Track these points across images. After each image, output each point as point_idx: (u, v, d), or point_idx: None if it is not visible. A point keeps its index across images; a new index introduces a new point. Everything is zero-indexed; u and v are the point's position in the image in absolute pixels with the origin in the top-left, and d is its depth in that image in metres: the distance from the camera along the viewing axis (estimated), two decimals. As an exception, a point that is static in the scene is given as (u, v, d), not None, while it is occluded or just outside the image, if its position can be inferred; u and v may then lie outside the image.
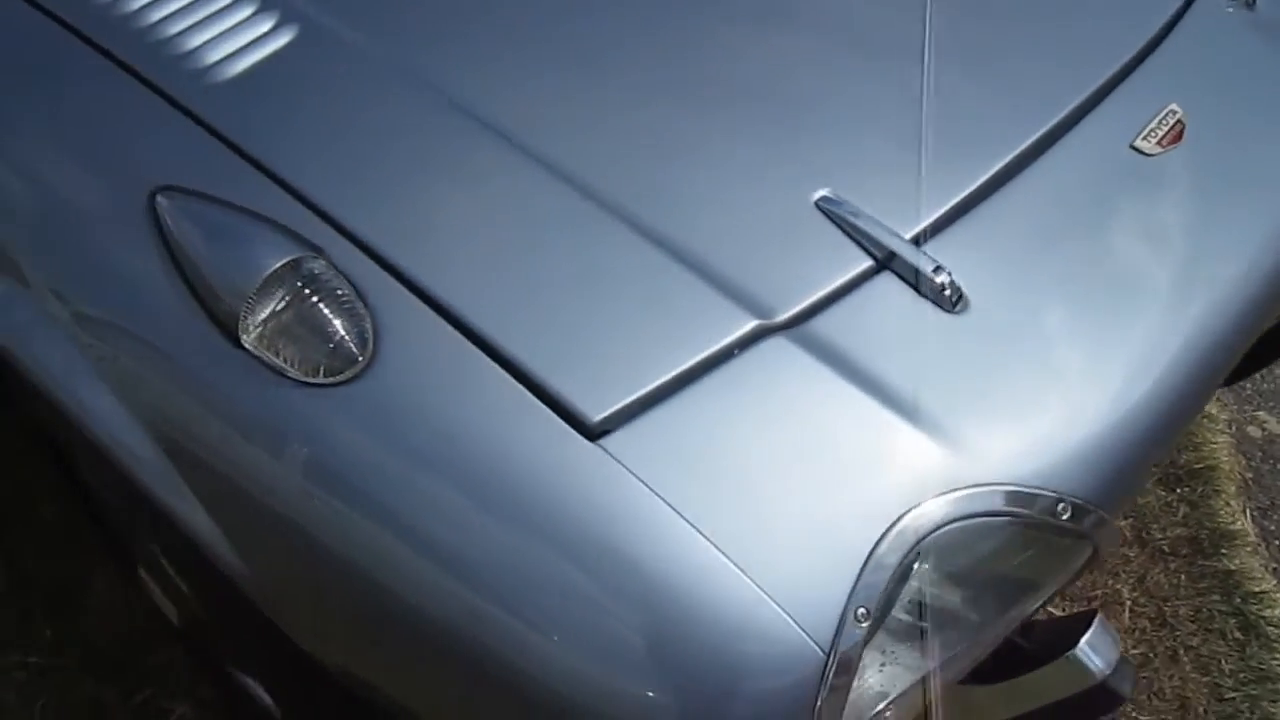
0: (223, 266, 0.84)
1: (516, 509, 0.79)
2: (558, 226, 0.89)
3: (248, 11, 1.01)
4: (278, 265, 0.82)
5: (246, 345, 0.83)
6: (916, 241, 0.94)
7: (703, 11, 1.09)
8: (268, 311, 0.83)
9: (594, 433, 0.80)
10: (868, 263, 0.93)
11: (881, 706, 0.85)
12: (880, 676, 0.86)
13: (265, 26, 1.01)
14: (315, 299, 0.82)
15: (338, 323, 0.82)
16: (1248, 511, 1.75)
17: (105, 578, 1.56)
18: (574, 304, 0.86)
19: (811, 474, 0.83)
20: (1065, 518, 0.88)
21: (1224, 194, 1.09)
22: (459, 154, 0.94)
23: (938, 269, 0.92)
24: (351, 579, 0.83)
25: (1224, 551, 1.67)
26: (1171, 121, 1.10)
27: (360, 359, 0.82)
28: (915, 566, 0.83)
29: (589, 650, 0.78)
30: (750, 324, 0.87)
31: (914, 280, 0.92)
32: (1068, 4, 1.21)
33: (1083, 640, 0.96)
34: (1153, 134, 1.09)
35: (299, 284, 0.83)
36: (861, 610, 0.79)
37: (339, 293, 0.83)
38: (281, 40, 1.00)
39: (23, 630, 1.52)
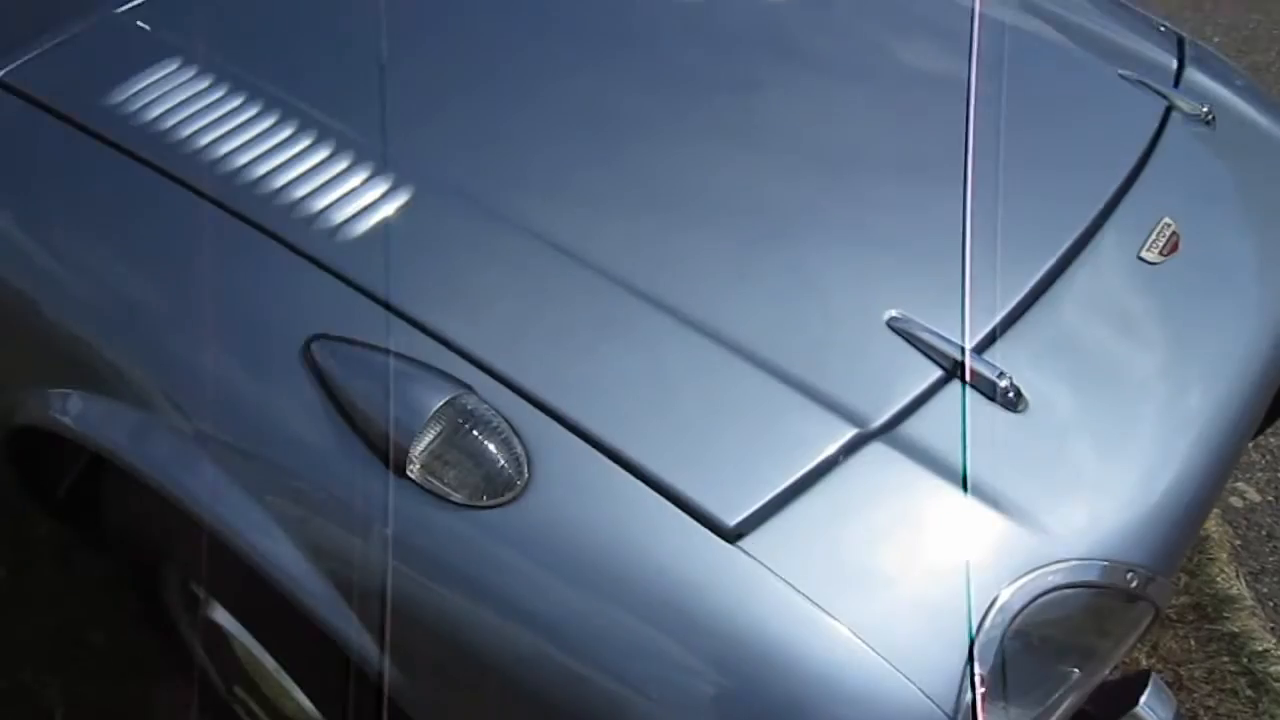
0: (384, 406, 0.94)
1: (667, 611, 0.89)
2: (677, 358, 1.01)
3: (364, 174, 1.13)
4: (440, 403, 0.92)
5: (411, 475, 0.92)
6: (978, 351, 1.07)
7: (767, 154, 1.23)
8: (431, 444, 0.92)
9: (732, 535, 0.91)
10: (939, 373, 1.05)
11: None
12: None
13: (383, 187, 1.12)
14: (474, 431, 0.93)
15: (496, 451, 0.92)
16: (1241, 576, 1.88)
17: (167, 700, 1.60)
18: (700, 424, 0.97)
19: (919, 560, 0.94)
20: (1133, 585, 1.00)
21: (1220, 292, 1.25)
22: (573, 295, 1.05)
23: (1000, 374, 1.05)
24: (510, 691, 0.91)
25: (1226, 615, 1.80)
26: (1168, 234, 1.26)
27: (518, 483, 0.92)
28: (1015, 637, 0.94)
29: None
30: (850, 432, 0.99)
31: (980, 385, 1.05)
32: (1060, 130, 1.37)
33: (1143, 699, 1.07)
34: (1154, 246, 1.24)
35: (458, 418, 0.93)
36: (979, 675, 0.90)
37: (494, 424, 0.93)
38: (401, 199, 1.11)
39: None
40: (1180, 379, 1.14)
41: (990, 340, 1.09)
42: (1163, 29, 1.64)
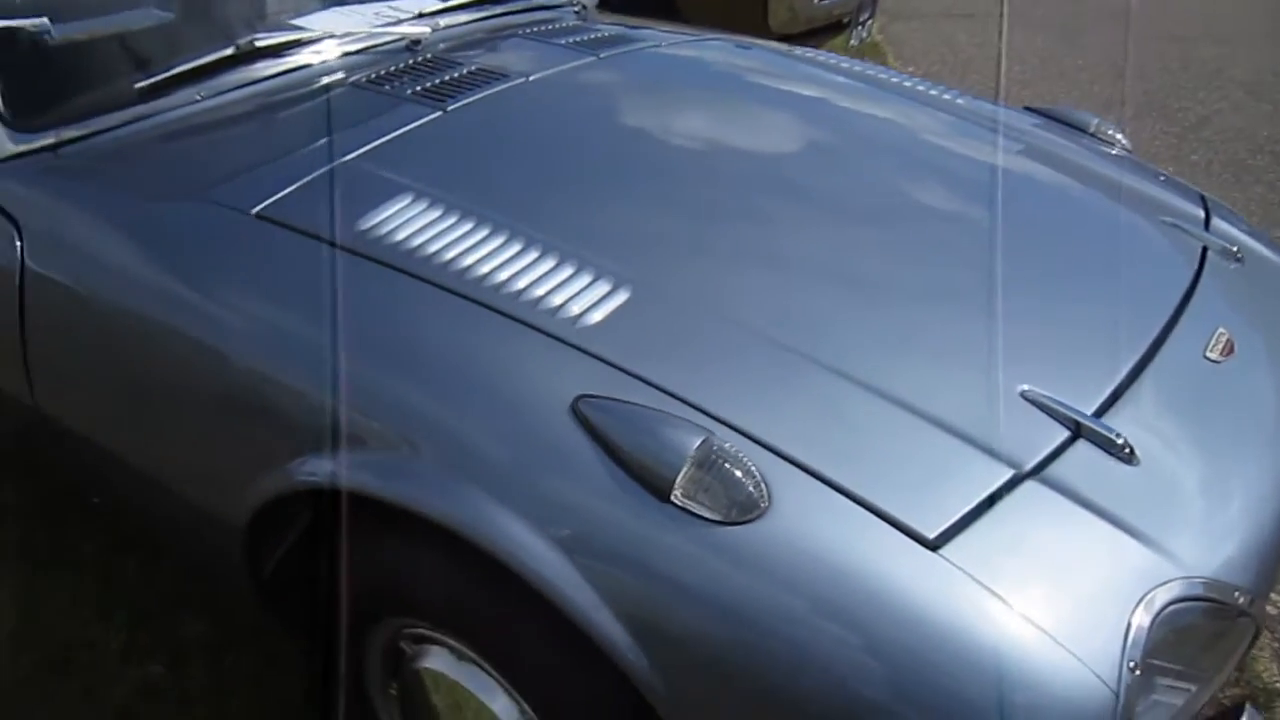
0: (650, 447, 1.18)
1: (878, 607, 1.11)
2: (871, 415, 1.27)
3: (589, 278, 1.40)
4: (698, 442, 1.16)
5: (675, 500, 1.15)
6: (1098, 414, 1.33)
7: (910, 233, 1.56)
8: (689, 474, 1.15)
9: (932, 545, 1.14)
10: (1067, 433, 1.31)
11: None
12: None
13: (605, 289, 1.39)
14: (724, 464, 1.16)
15: (742, 478, 1.16)
16: (1283, 669, 2.09)
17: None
18: (894, 461, 1.22)
19: (1080, 569, 1.17)
20: (1240, 601, 1.23)
21: (1272, 382, 1.52)
22: (782, 369, 1.32)
23: (1117, 435, 1.30)
24: (761, 692, 1.11)
25: (1276, 706, 2.00)
26: (1224, 340, 1.54)
27: (761, 505, 1.15)
28: (1153, 636, 1.15)
29: (955, 713, 1.07)
30: (1010, 472, 1.23)
31: (1100, 443, 1.30)
32: (1131, 259, 1.69)
33: (1243, 720, 1.29)
34: (1214, 347, 1.53)
35: (711, 454, 1.16)
36: (1131, 663, 1.11)
37: (739, 458, 1.17)
38: (621, 298, 1.38)
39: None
40: (1260, 437, 1.40)
41: (1103, 410, 1.35)
42: (1184, 184, 2.00)
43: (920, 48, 6.31)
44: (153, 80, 1.87)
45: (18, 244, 1.71)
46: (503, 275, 1.41)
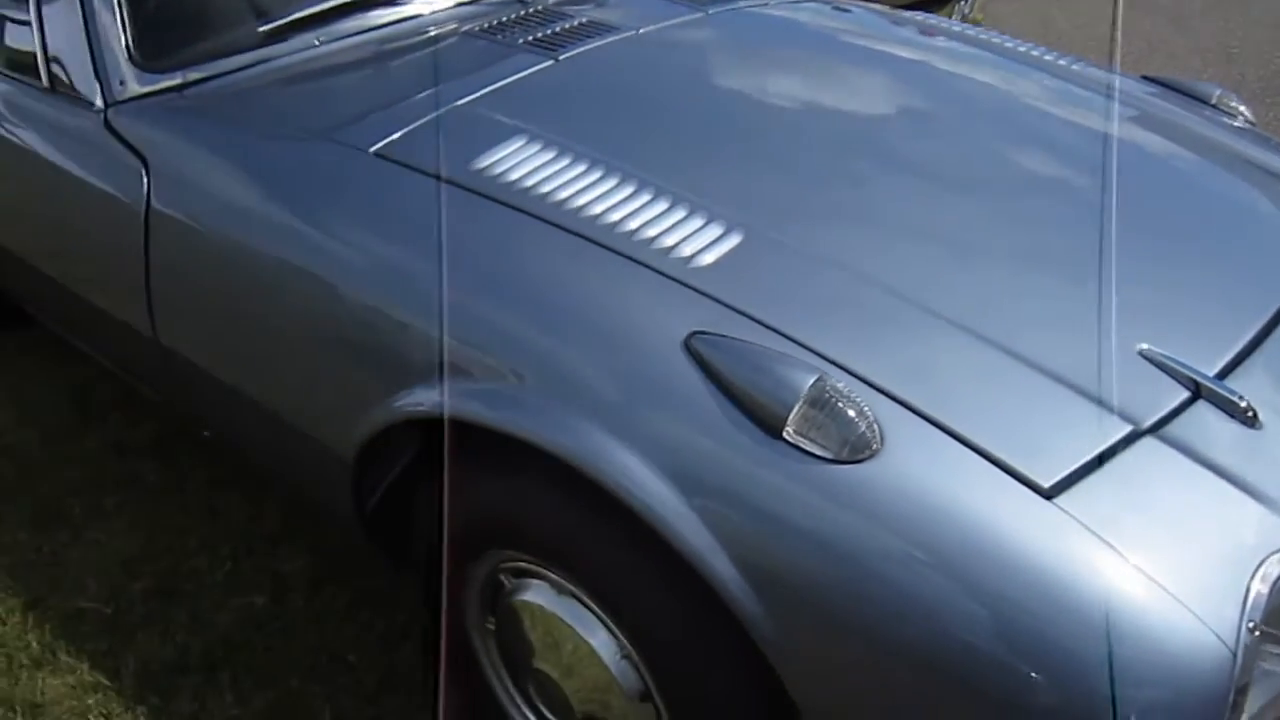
0: (763, 384, 1.18)
1: (990, 553, 1.10)
2: (989, 367, 1.25)
3: (700, 222, 1.41)
4: (812, 380, 1.16)
5: (786, 437, 1.15)
6: (1219, 377, 1.29)
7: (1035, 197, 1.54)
8: (802, 411, 1.15)
9: (1047, 494, 1.12)
10: (1187, 393, 1.28)
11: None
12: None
13: (717, 232, 1.39)
14: (838, 402, 1.16)
15: (856, 418, 1.15)
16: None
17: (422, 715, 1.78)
18: (1012, 412, 1.20)
19: (1199, 528, 1.15)
20: None
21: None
22: (896, 317, 1.31)
23: (1240, 398, 1.27)
24: (866, 638, 1.12)
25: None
26: None
27: (874, 445, 1.14)
28: (1272, 600, 1.12)
29: (1062, 664, 1.06)
30: (1128, 428, 1.21)
31: (1223, 405, 1.27)
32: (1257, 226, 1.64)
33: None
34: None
35: (825, 391, 1.16)
36: (1250, 624, 1.09)
37: (853, 398, 1.17)
38: (734, 241, 1.38)
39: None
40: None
41: (1224, 373, 1.32)
42: None
43: (1020, 27, 6.18)
44: (274, 25, 1.92)
45: (145, 181, 1.77)
46: (615, 215, 1.43)
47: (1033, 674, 1.07)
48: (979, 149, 1.76)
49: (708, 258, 1.36)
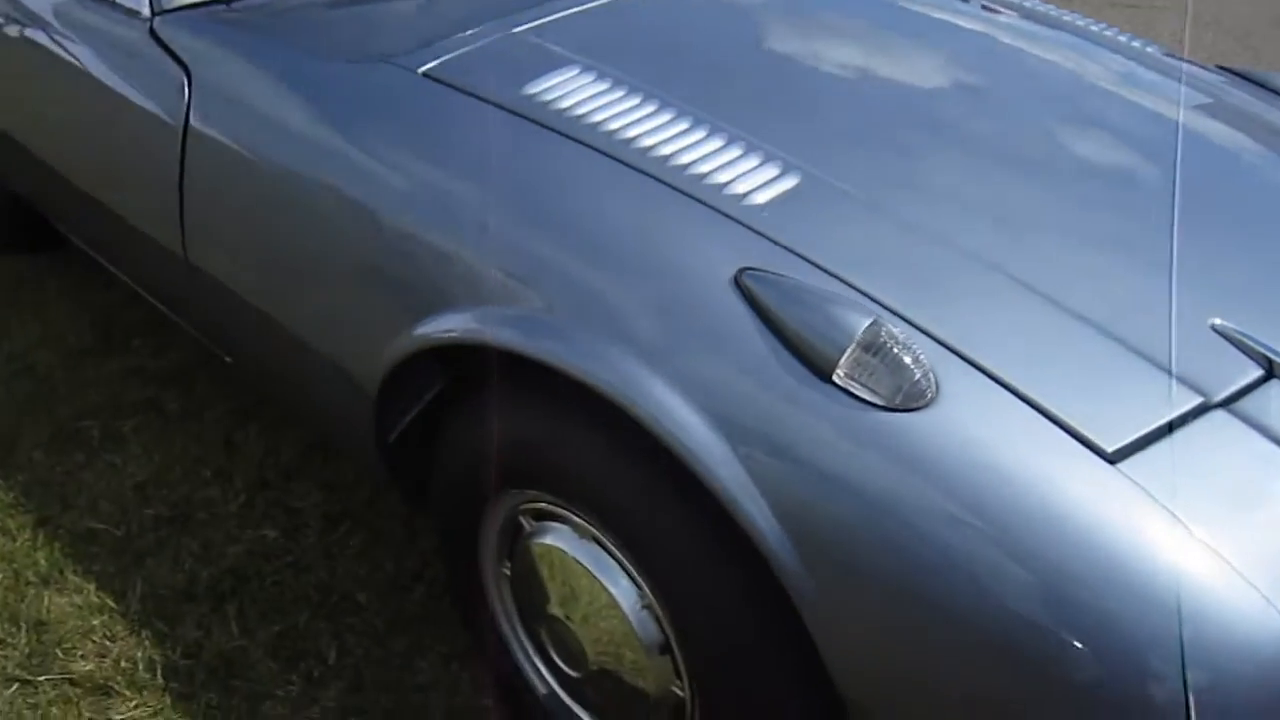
0: (815, 324, 1.12)
1: (1045, 515, 1.03)
2: (1051, 326, 1.19)
3: (756, 161, 1.34)
4: (866, 323, 1.10)
5: (836, 380, 1.09)
6: (1293, 357, 1.23)
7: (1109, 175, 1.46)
8: (854, 354, 1.09)
9: (1110, 459, 1.06)
10: (1260, 371, 1.21)
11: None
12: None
13: (773, 173, 1.33)
14: (893, 348, 1.10)
15: (911, 364, 1.09)
16: None
17: (433, 655, 1.74)
18: (1076, 374, 1.14)
19: (1265, 506, 1.08)
20: None
21: None
22: (946, 263, 1.25)
23: None
24: (904, 597, 1.06)
25: None
26: None
27: (928, 394, 1.08)
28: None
29: (1113, 637, 1.00)
30: (1198, 399, 1.14)
31: (1296, 384, 1.20)
32: None
33: None
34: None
35: (880, 335, 1.10)
36: None
37: (908, 344, 1.10)
38: (790, 183, 1.32)
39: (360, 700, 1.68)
40: None
41: (1299, 354, 1.25)
42: None
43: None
44: (328, -57, 1.87)
45: (186, 92, 1.72)
46: (667, 149, 1.37)
47: (1078, 644, 1.01)
48: (1046, 124, 1.68)
49: (762, 196, 1.30)
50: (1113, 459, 1.06)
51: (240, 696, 1.69)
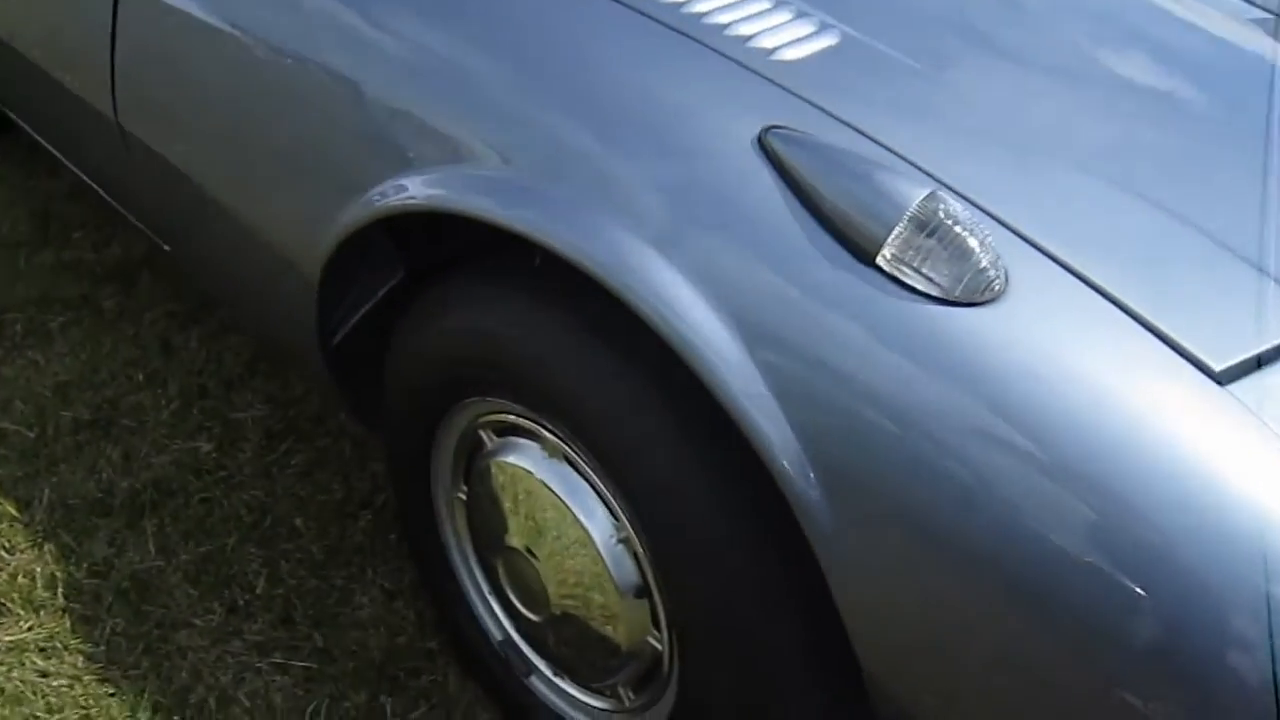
0: (857, 194, 0.90)
1: (1139, 438, 0.82)
2: (1127, 215, 0.97)
3: (787, 15, 1.11)
4: (922, 195, 0.88)
5: (882, 264, 0.87)
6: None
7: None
8: (906, 233, 0.87)
9: (1218, 378, 0.84)
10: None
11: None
12: None
13: (808, 29, 1.10)
14: (955, 227, 0.87)
15: (978, 250, 0.87)
16: None
17: (372, 588, 1.52)
18: (1176, 282, 0.92)
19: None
20: None
21: None
22: (1016, 141, 1.03)
23: None
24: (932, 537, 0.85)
25: None
26: None
27: (996, 286, 0.86)
28: None
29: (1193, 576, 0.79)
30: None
31: None
32: None
33: None
34: None
35: (939, 212, 0.88)
36: None
37: (976, 225, 0.88)
38: (828, 40, 1.09)
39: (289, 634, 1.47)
40: None
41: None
42: None
43: None
44: None
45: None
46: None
47: (1140, 591, 0.80)
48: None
49: (793, 53, 1.07)
50: (1220, 379, 0.85)
51: (151, 623, 1.48)
